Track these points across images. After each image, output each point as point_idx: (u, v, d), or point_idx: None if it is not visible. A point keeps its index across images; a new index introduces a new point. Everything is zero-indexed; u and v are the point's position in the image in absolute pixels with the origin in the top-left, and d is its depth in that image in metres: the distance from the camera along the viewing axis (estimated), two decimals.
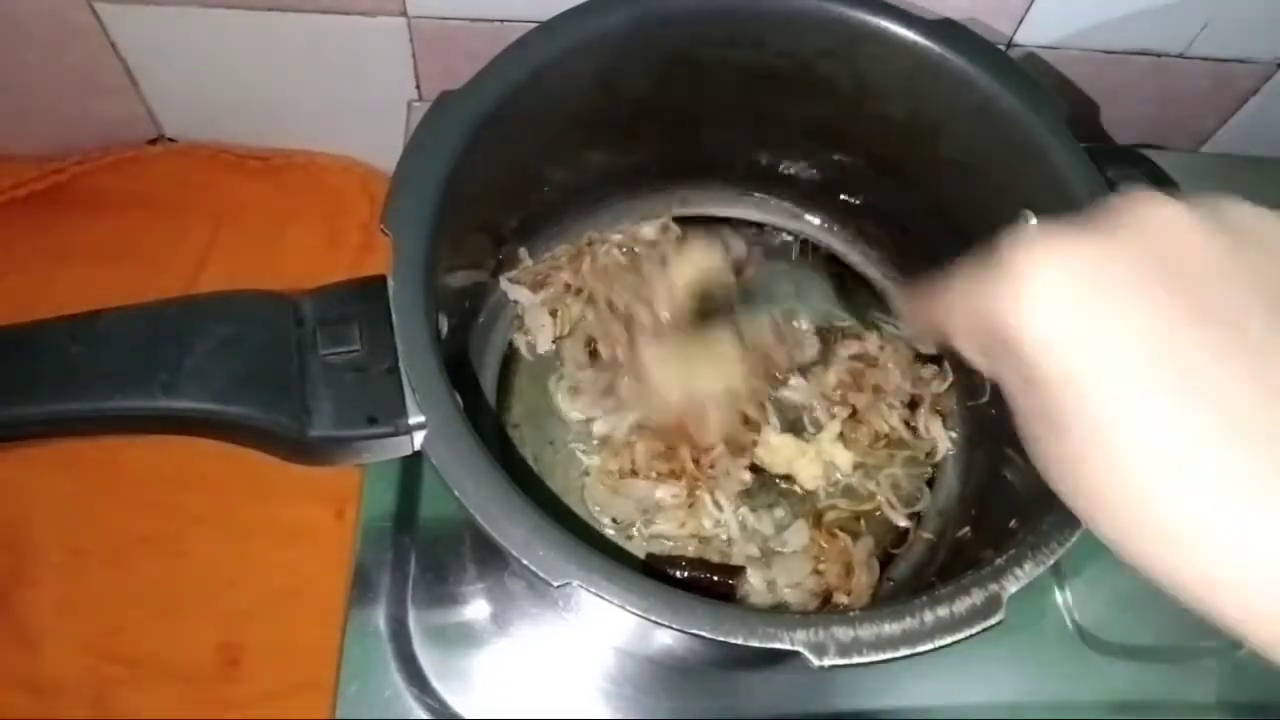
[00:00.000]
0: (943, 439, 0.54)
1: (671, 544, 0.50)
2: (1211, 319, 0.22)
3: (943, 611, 0.34)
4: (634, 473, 0.50)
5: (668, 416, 0.49)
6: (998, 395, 0.49)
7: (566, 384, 0.53)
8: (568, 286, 0.55)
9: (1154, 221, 0.24)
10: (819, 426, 0.53)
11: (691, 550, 0.50)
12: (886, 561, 0.51)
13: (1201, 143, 0.69)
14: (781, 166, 0.58)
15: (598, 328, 0.53)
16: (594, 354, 0.54)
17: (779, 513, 0.52)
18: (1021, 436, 0.26)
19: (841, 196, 0.58)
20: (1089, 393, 0.23)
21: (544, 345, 0.54)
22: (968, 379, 0.55)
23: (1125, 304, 0.23)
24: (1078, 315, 0.23)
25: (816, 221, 0.60)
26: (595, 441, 0.52)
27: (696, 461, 0.50)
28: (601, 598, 0.33)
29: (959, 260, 0.27)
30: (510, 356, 0.55)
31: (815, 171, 0.57)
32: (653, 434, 0.51)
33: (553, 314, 0.55)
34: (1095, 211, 0.25)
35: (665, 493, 0.50)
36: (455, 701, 0.46)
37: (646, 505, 0.50)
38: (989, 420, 0.53)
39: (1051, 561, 0.36)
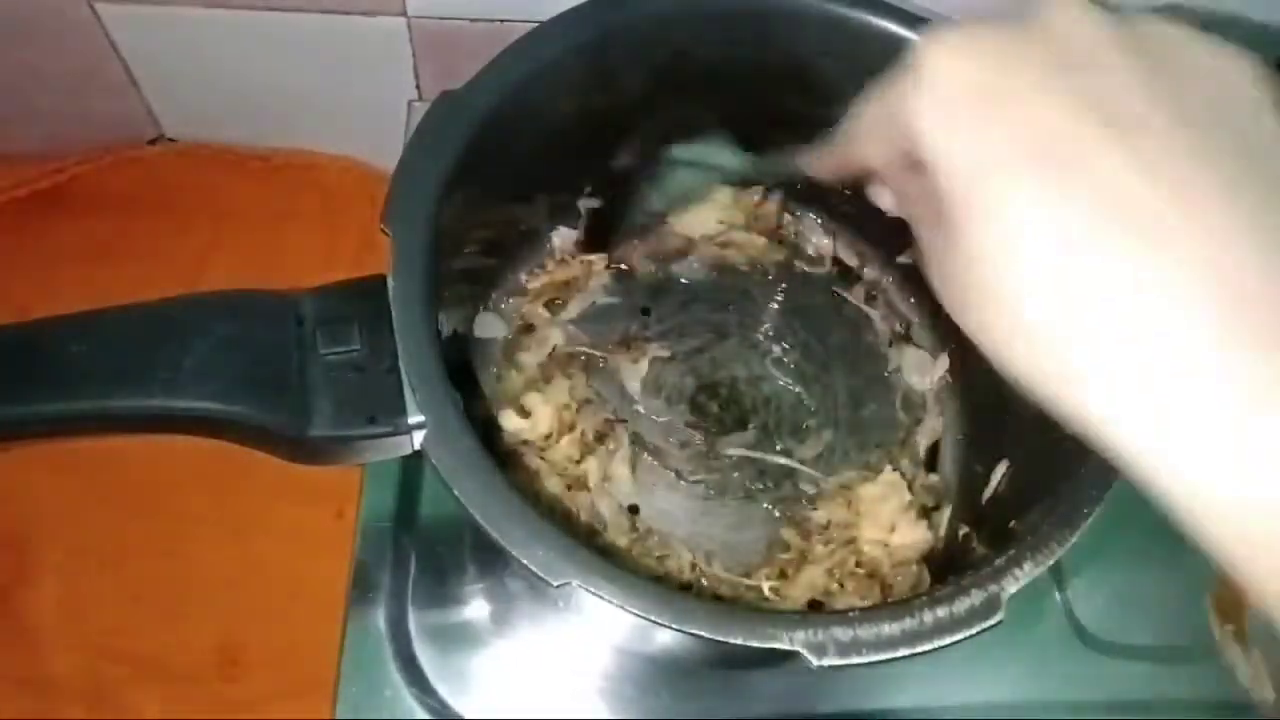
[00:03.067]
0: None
1: None
2: (1109, 119, 0.22)
3: (942, 612, 0.34)
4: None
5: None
6: (999, 395, 0.49)
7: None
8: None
9: (1068, 24, 0.23)
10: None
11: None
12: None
13: None
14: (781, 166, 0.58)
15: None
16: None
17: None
18: (923, 260, 0.26)
19: (841, 197, 0.58)
20: (977, 186, 0.22)
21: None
22: (967, 381, 0.55)
23: (1019, 97, 0.22)
24: (975, 108, 0.23)
25: (817, 222, 0.60)
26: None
27: None
28: (601, 598, 0.33)
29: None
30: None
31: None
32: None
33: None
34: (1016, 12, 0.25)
35: None
36: (455, 701, 0.46)
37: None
38: (989, 421, 0.53)
39: (1051, 561, 0.36)
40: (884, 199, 0.28)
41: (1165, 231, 0.20)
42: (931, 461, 0.54)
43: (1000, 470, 0.47)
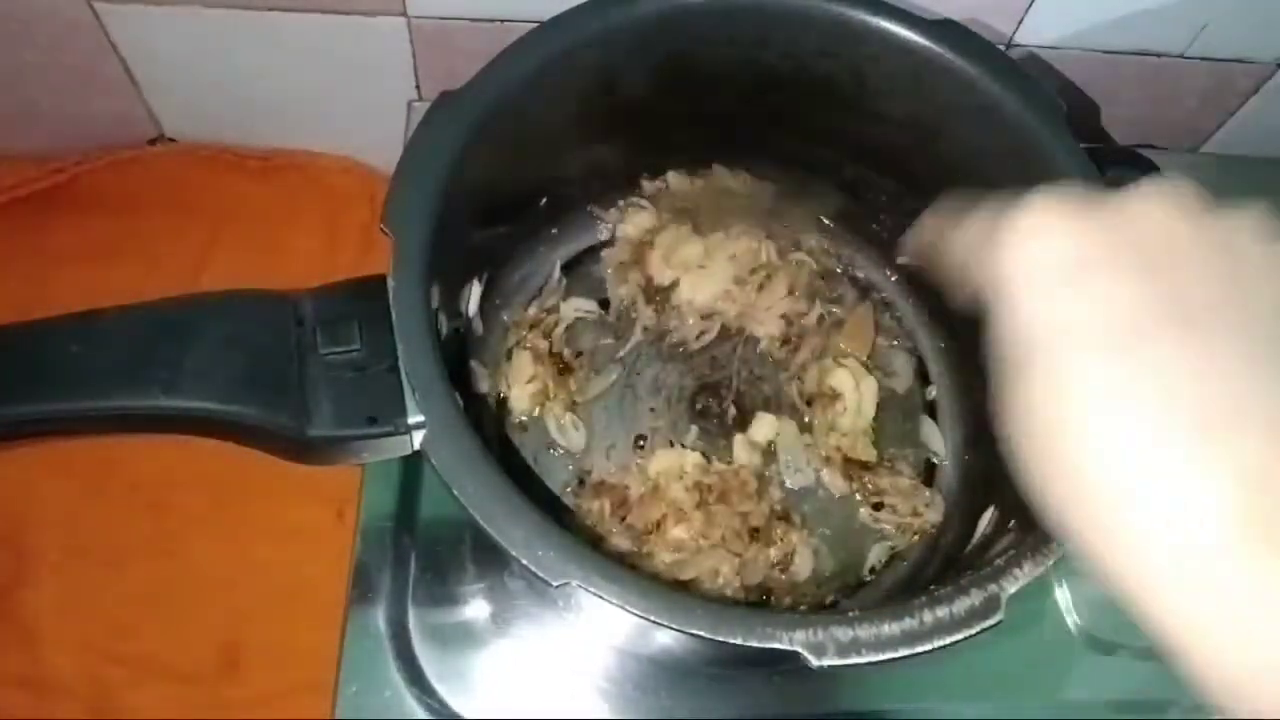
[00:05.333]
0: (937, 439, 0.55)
1: None
2: (1178, 313, 0.24)
3: (942, 612, 0.34)
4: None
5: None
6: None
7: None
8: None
9: (1150, 211, 0.25)
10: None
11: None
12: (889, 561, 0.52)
13: (1201, 143, 0.69)
14: (781, 166, 0.58)
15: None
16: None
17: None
18: (987, 376, 0.27)
19: (841, 195, 0.58)
20: (1047, 351, 0.24)
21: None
22: (966, 380, 0.55)
23: (1102, 277, 0.24)
24: (1056, 277, 0.25)
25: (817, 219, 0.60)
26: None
27: None
28: (601, 598, 0.33)
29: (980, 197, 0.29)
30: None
31: (815, 171, 0.57)
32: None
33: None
34: (1114, 187, 0.27)
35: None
36: (455, 701, 0.46)
37: None
38: (988, 422, 0.52)
39: (1051, 561, 0.36)
40: (963, 292, 0.30)
41: (1214, 432, 0.22)
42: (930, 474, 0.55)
43: (987, 517, 0.47)
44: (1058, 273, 0.25)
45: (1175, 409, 0.22)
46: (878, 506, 0.52)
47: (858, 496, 0.53)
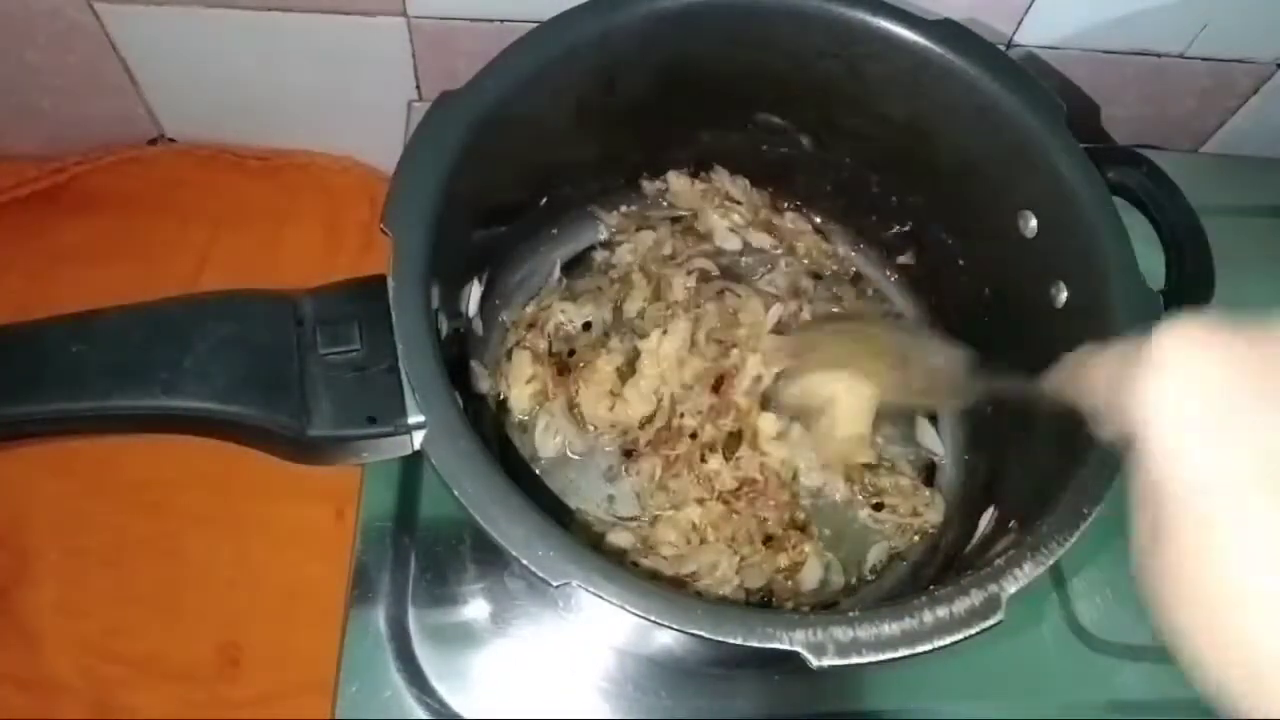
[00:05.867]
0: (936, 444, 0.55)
1: None
2: None
3: (942, 612, 0.34)
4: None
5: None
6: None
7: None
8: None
9: None
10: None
11: None
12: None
13: (1201, 143, 0.69)
14: (781, 166, 0.58)
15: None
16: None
17: None
18: (1130, 525, 0.26)
19: (841, 195, 0.58)
20: (1194, 502, 0.23)
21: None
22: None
23: (1257, 419, 0.23)
24: (1206, 421, 0.23)
25: (816, 220, 0.60)
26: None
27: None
28: (601, 598, 0.33)
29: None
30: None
31: (815, 171, 0.57)
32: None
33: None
34: (1256, 320, 0.25)
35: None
36: (455, 701, 0.46)
37: None
38: (988, 422, 0.53)
39: (1051, 562, 0.36)
40: (1102, 429, 0.29)
41: None
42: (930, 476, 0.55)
43: (987, 517, 0.47)
44: (1206, 413, 0.23)
45: None
46: (878, 507, 0.52)
47: (859, 497, 0.53)
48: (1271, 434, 0.22)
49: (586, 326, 0.55)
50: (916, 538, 0.52)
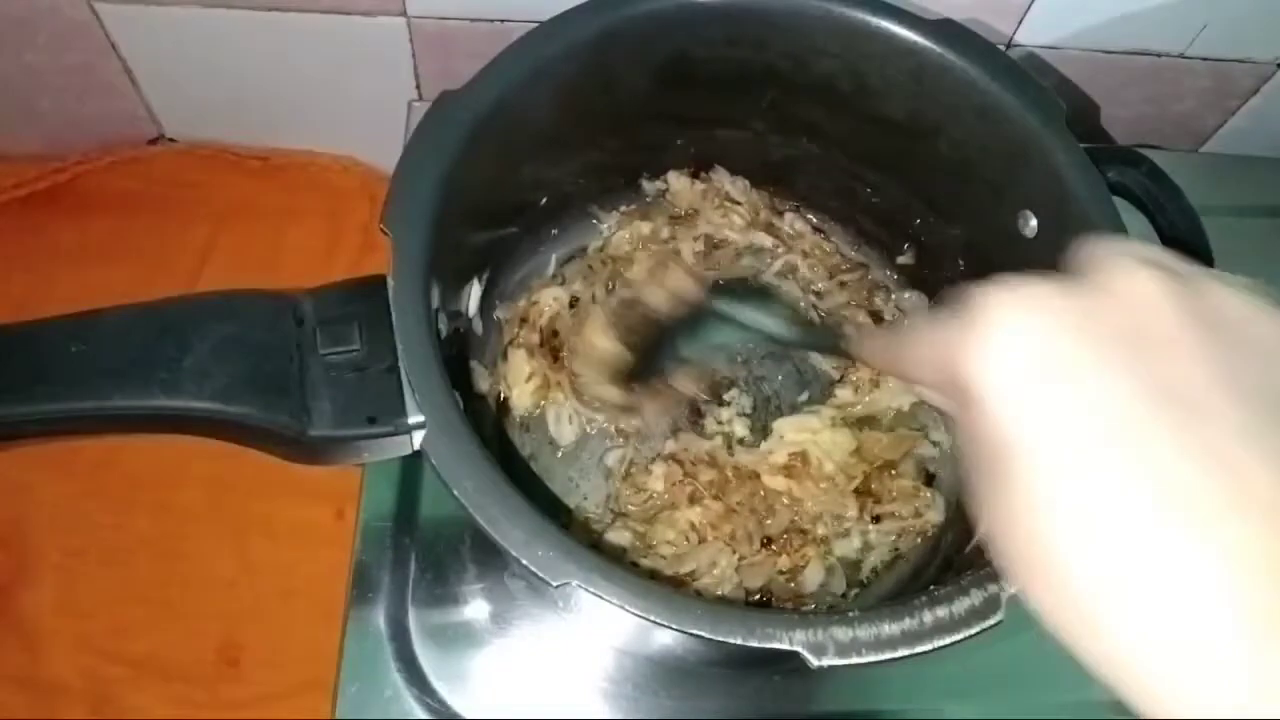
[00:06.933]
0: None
1: None
2: (1168, 400, 0.22)
3: (942, 612, 0.34)
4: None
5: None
6: None
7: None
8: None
9: (1129, 290, 0.24)
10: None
11: None
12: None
13: (1201, 143, 0.69)
14: (781, 166, 0.58)
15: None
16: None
17: None
18: (964, 480, 0.26)
19: (841, 196, 0.58)
20: (1030, 457, 0.23)
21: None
22: None
23: (1083, 371, 0.23)
24: (1033, 376, 0.23)
25: (815, 220, 0.60)
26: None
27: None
28: (601, 598, 0.33)
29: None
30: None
31: (815, 171, 0.57)
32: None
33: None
34: (1074, 266, 0.25)
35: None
36: (455, 701, 0.46)
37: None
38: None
39: None
40: (932, 398, 0.29)
41: (1216, 520, 0.21)
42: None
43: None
44: (1028, 364, 0.23)
45: (1172, 500, 0.21)
46: (877, 519, 0.52)
47: (863, 515, 0.52)
48: (1101, 382, 0.23)
49: (573, 303, 0.55)
50: (918, 540, 0.52)
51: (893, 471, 0.53)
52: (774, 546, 0.50)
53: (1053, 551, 0.23)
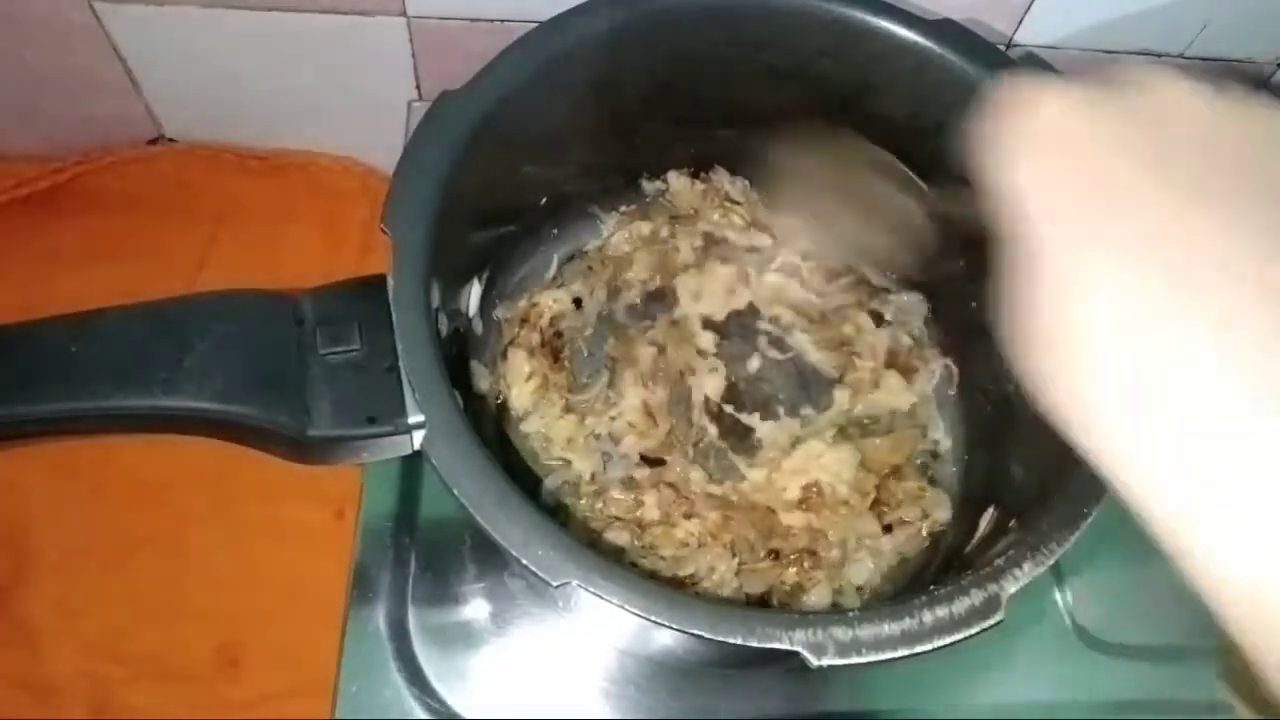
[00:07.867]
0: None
1: None
2: (1195, 199, 0.22)
3: (942, 612, 0.34)
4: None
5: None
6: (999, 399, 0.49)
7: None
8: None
9: (1163, 88, 0.24)
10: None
11: None
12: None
13: None
14: (780, 166, 0.57)
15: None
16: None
17: None
18: (995, 286, 0.26)
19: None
20: (1054, 243, 0.23)
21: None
22: (966, 379, 0.55)
23: (1108, 158, 0.23)
24: (1058, 161, 0.23)
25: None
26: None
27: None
28: (601, 598, 0.33)
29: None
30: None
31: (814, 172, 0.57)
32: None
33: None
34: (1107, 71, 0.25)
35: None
36: (455, 701, 0.46)
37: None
38: (988, 421, 0.53)
39: (1051, 561, 0.36)
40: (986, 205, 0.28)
41: (1237, 316, 0.20)
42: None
43: (987, 517, 0.47)
44: (1054, 149, 0.23)
45: (1196, 301, 0.21)
46: (888, 529, 0.51)
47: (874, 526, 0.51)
48: (1124, 176, 0.22)
49: (577, 303, 0.55)
50: (927, 541, 0.52)
51: (897, 475, 0.53)
52: (781, 560, 0.50)
53: (1068, 340, 0.22)
